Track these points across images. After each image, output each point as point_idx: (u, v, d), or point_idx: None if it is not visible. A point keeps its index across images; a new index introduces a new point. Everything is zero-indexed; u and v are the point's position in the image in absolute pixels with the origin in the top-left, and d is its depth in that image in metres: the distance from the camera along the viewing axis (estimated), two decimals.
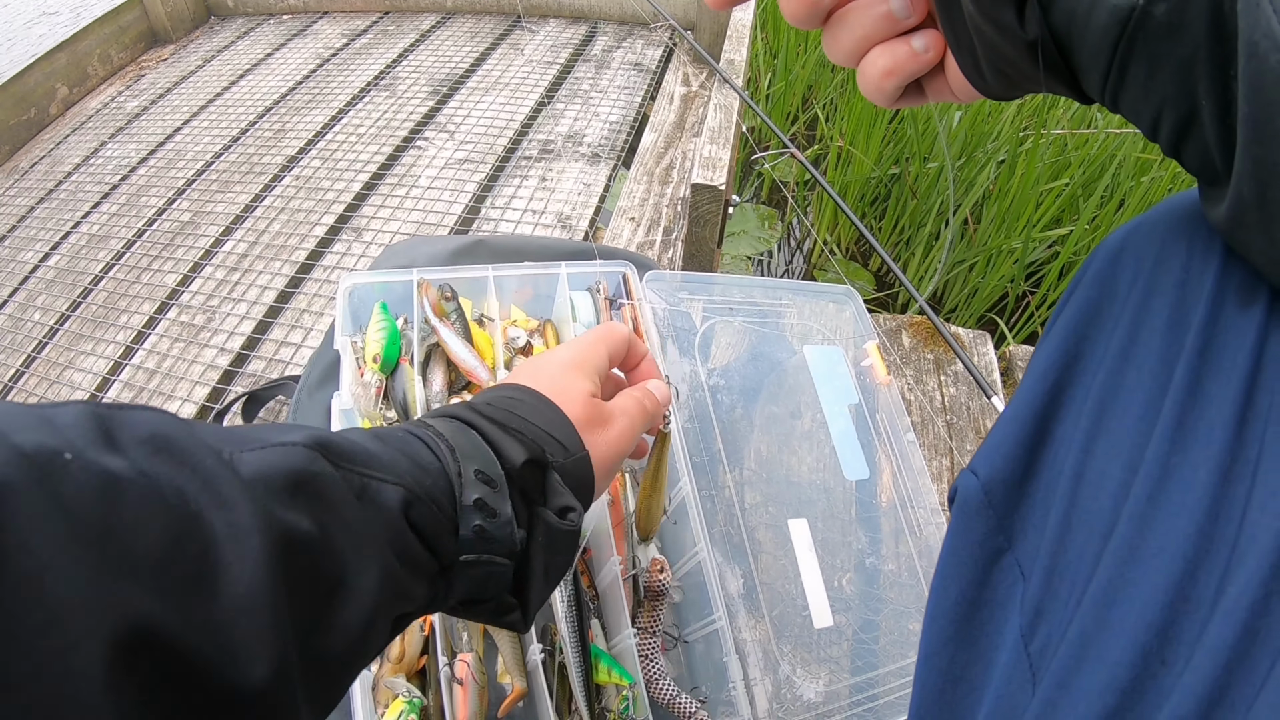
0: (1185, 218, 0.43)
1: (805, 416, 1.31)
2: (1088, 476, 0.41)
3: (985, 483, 0.47)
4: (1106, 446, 0.40)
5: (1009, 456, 0.46)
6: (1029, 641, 0.42)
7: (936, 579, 0.50)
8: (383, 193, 2.19)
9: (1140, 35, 0.32)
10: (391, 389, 1.18)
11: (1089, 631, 0.37)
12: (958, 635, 0.47)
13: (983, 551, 0.46)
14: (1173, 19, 0.31)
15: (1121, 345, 0.42)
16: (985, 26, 0.36)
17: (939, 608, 0.49)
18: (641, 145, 2.19)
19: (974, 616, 0.47)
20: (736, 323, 1.38)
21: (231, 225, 2.15)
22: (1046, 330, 0.48)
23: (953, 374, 1.57)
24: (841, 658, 1.13)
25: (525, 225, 1.99)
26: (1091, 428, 0.42)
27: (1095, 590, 0.37)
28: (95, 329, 1.89)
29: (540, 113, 2.48)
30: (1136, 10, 0.32)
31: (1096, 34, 0.34)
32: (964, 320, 2.75)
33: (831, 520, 1.22)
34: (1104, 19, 0.33)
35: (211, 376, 1.70)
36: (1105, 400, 0.42)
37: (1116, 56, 0.34)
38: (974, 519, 0.47)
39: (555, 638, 1.02)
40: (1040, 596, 0.42)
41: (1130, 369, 0.41)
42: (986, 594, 0.46)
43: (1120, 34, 0.33)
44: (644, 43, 2.83)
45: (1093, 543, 0.39)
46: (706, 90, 2.38)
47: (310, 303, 1.84)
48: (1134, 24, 0.32)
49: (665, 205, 1.93)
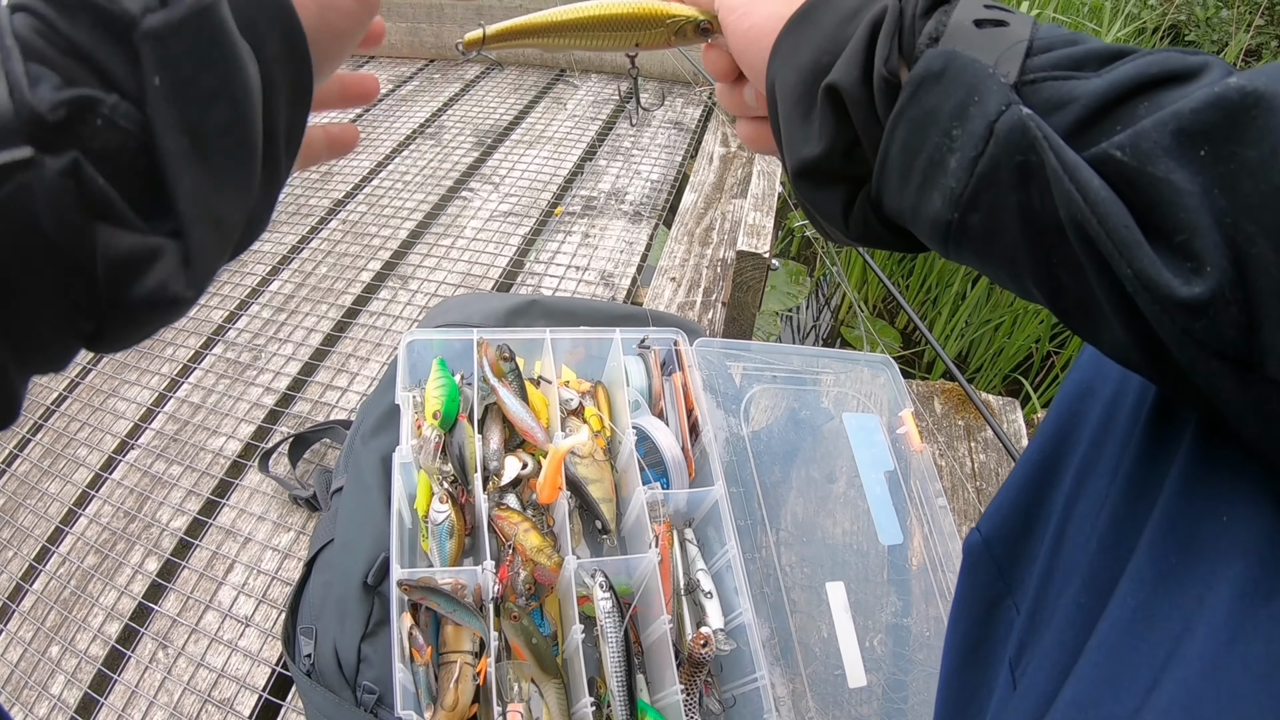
0: None
1: (841, 480, 1.35)
2: (1068, 532, 0.48)
3: (987, 539, 0.55)
4: (1084, 508, 0.47)
5: (1007, 518, 0.54)
6: (1015, 667, 0.49)
7: (949, 620, 0.58)
8: (428, 241, 2.25)
9: (963, 238, 0.38)
10: (450, 444, 1.22)
11: (1047, 648, 0.45)
12: (964, 667, 0.56)
13: (986, 596, 0.54)
14: (988, 226, 0.36)
15: (1101, 420, 0.48)
16: (841, 234, 0.45)
17: (951, 645, 0.58)
18: (682, 205, 2.24)
19: (978, 651, 0.55)
20: (776, 387, 1.42)
21: (279, 265, 2.20)
22: (1051, 406, 0.55)
23: (983, 440, 1.61)
24: (871, 716, 1.16)
25: (569, 281, 2.04)
26: (1073, 492, 0.48)
27: (1059, 617, 0.45)
28: (140, 359, 1.94)
29: (583, 168, 2.54)
30: (954, 224, 0.37)
31: (924, 233, 0.40)
32: (989, 379, 2.78)
33: (865, 583, 1.25)
34: (926, 226, 0.39)
35: (257, 415, 1.75)
36: (1085, 470, 0.48)
37: (948, 249, 0.39)
38: (978, 569, 0.55)
39: (602, 690, 1.06)
40: (1025, 631, 0.49)
41: (1109, 438, 0.47)
42: (988, 631, 0.54)
43: (946, 237, 0.38)
44: (683, 101, 2.91)
45: (1067, 584, 0.46)
46: (745, 151, 2.44)
47: (356, 348, 1.88)
48: (954, 233, 0.38)
49: (705, 266, 1.99)
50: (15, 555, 1.53)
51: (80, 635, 1.38)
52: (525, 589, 1.10)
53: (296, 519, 1.51)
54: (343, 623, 1.11)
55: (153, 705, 1.27)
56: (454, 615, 1.07)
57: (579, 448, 1.23)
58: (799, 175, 0.45)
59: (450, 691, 1.01)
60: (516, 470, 1.22)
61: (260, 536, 1.48)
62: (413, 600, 1.08)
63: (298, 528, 1.49)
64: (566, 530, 1.17)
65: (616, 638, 1.05)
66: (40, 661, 1.36)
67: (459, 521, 1.17)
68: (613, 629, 1.05)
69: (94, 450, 1.71)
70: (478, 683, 1.04)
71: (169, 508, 1.56)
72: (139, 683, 1.30)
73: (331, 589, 1.15)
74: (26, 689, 1.32)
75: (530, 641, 1.06)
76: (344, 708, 1.06)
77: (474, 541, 1.19)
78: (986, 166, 0.35)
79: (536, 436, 1.22)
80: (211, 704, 1.26)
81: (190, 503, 1.57)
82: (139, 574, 1.45)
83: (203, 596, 1.40)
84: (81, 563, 1.49)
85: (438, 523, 1.15)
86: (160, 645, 1.35)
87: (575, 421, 1.28)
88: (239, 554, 1.46)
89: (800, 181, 0.46)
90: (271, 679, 1.28)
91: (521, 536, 1.13)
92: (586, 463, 1.24)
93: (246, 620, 1.36)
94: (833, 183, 0.45)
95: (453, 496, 1.17)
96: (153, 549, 1.49)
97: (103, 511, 1.58)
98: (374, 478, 1.25)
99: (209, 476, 1.61)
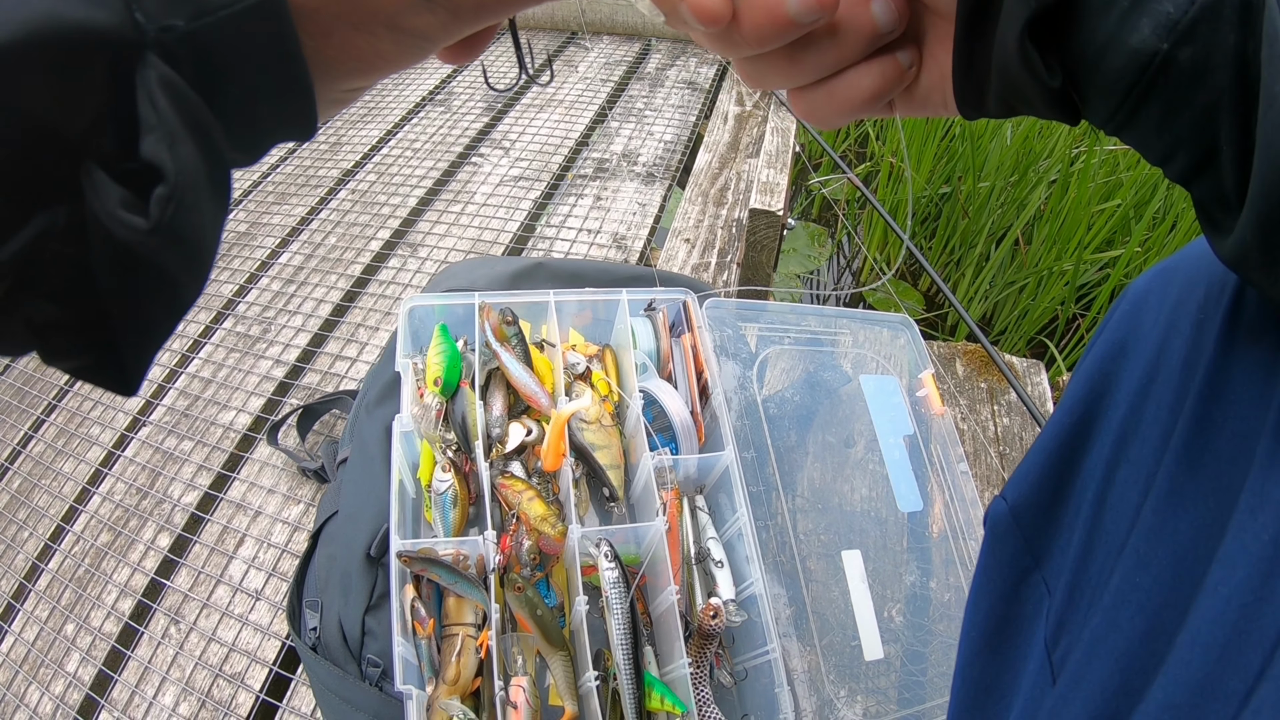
0: (1204, 263, 0.45)
1: (859, 445, 1.31)
2: (1109, 502, 0.44)
3: (1014, 507, 0.51)
4: (1126, 475, 0.43)
5: (1036, 485, 0.50)
6: (1052, 650, 0.45)
7: (970, 596, 0.54)
8: (438, 209, 2.22)
9: (1160, 80, 0.31)
10: (451, 411, 1.19)
11: (1100, 632, 0.40)
12: (988, 647, 0.52)
13: (1012, 570, 0.51)
14: (1197, 66, 0.30)
15: (1142, 382, 0.45)
16: (1020, 74, 0.34)
17: (972, 622, 0.54)
18: (696, 166, 2.19)
19: (1004, 630, 0.51)
20: (792, 349, 1.38)
21: (288, 237, 2.19)
22: (1077, 367, 0.51)
23: (1006, 404, 1.56)
24: (889, 689, 1.13)
25: (580, 244, 2.01)
26: (1113, 458, 0.45)
27: (1109, 597, 0.41)
28: None
29: (595, 130, 2.50)
30: (1159, 56, 0.31)
31: (1110, 76, 0.32)
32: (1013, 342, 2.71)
33: (884, 551, 1.22)
34: (1121, 62, 0.32)
35: (267, 388, 1.73)
36: (1126, 433, 0.44)
37: (1130, 98, 0.33)
38: (1003, 541, 0.51)
39: (609, 664, 1.03)
40: (1063, 610, 0.45)
41: (1149, 404, 0.44)
42: (1015, 609, 0.50)
43: (1138, 78, 0.32)
44: (697, 61, 2.84)
45: (1111, 560, 0.42)
46: (760, 110, 2.38)
47: (366, 317, 1.86)
48: (1155, 69, 0.31)
49: (720, 227, 1.94)
50: (31, 535, 1.53)
51: (95, 612, 1.38)
52: (530, 559, 1.07)
53: (306, 491, 1.49)
54: (346, 596, 1.09)
55: (165, 680, 1.26)
56: (455, 587, 1.04)
57: (585, 413, 1.19)
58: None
59: (452, 665, 0.99)
60: (520, 437, 1.19)
61: (270, 510, 1.47)
62: (414, 572, 1.06)
63: (307, 500, 1.48)
64: (571, 498, 1.13)
65: (622, 609, 1.02)
66: (56, 640, 1.36)
67: (462, 490, 1.14)
68: (618, 600, 1.02)
69: (106, 428, 1.70)
70: (480, 656, 1.02)
71: (180, 483, 1.55)
72: (152, 658, 1.30)
73: (336, 562, 1.13)
74: (43, 667, 1.33)
75: (535, 613, 1.03)
76: (349, 681, 1.04)
77: (478, 511, 1.16)
78: None
79: (540, 402, 1.19)
80: (223, 678, 1.25)
81: (201, 477, 1.56)
82: (151, 550, 1.45)
83: (214, 571, 1.39)
84: (95, 540, 1.48)
85: (440, 492, 1.12)
86: (172, 621, 1.34)
87: (582, 386, 1.25)
88: (249, 528, 1.45)
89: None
90: (281, 653, 1.27)
91: (525, 505, 1.10)
92: (593, 428, 1.20)
93: (257, 594, 1.35)
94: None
95: (455, 465, 1.14)
96: (165, 525, 1.48)
97: (116, 489, 1.57)
98: (377, 448, 1.22)
99: (219, 451, 1.60)
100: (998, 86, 0.35)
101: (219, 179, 0.29)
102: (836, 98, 0.38)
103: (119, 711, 1.24)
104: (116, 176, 0.26)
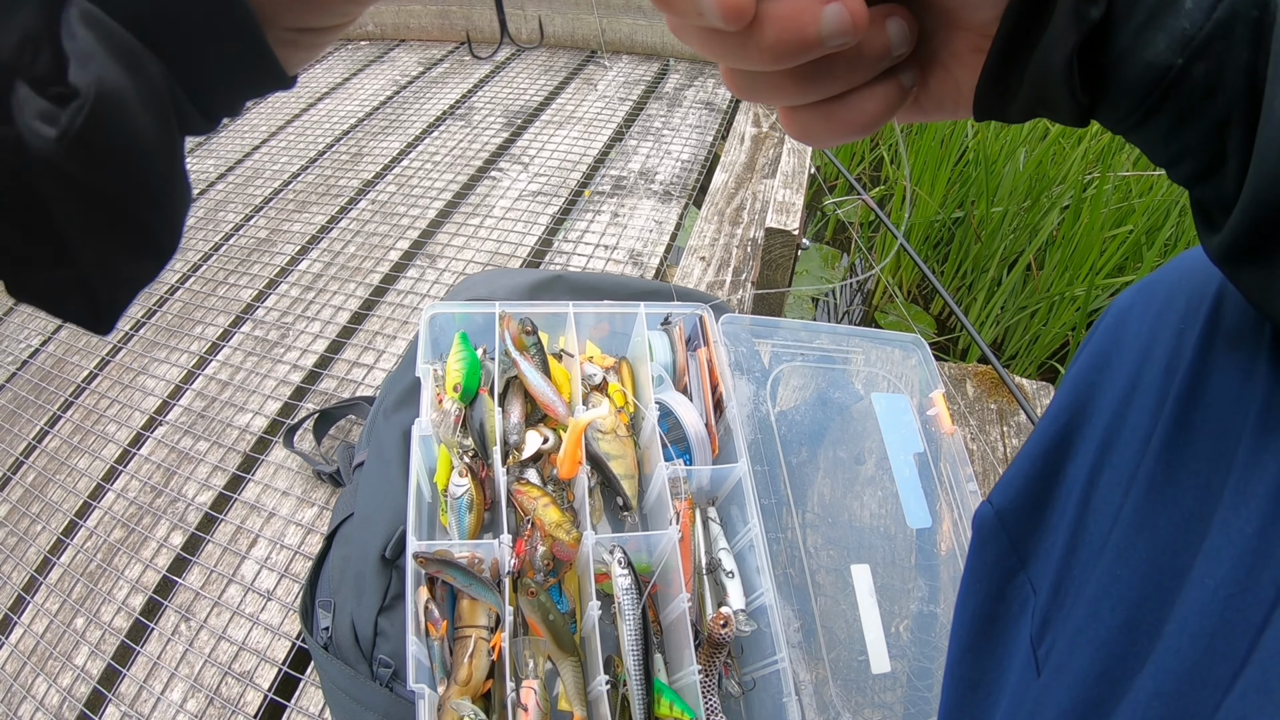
0: (1185, 276, 0.47)
1: (869, 461, 1.32)
2: (1093, 505, 0.46)
3: (999, 511, 0.53)
4: (1109, 478, 0.45)
5: (1021, 490, 0.52)
6: (1037, 646, 0.47)
7: (958, 597, 0.56)
8: (457, 221, 2.24)
9: (1173, 93, 0.32)
10: (470, 417, 1.21)
11: (1082, 624, 0.42)
12: (975, 645, 0.54)
13: (998, 571, 0.52)
14: (1210, 81, 0.31)
15: (1125, 391, 0.46)
16: (1060, 89, 0.34)
17: (960, 622, 0.55)
18: (712, 185, 2.21)
19: (990, 629, 0.53)
20: (804, 366, 1.39)
21: (308, 245, 2.21)
22: (1063, 378, 0.53)
23: (1015, 425, 1.57)
24: (895, 704, 1.13)
25: (597, 260, 2.03)
26: (1096, 463, 0.46)
27: (1090, 590, 0.43)
28: (170, 337, 1.95)
29: (613, 148, 2.52)
30: (1174, 70, 0.31)
31: (1124, 86, 0.33)
32: (1024, 367, 2.72)
33: (892, 567, 1.22)
34: (1136, 74, 0.32)
35: (284, 392, 1.75)
36: (1109, 439, 0.46)
37: (1141, 108, 0.33)
38: (989, 543, 0.53)
39: (619, 669, 1.04)
40: (1048, 608, 0.47)
41: (1132, 411, 0.45)
42: (1001, 608, 0.52)
43: (1152, 91, 0.32)
44: (715, 82, 2.87)
45: (1094, 560, 0.44)
46: (777, 131, 2.41)
47: (383, 325, 1.88)
48: (1169, 83, 0.32)
49: (735, 246, 1.96)
50: (44, 530, 1.54)
51: (105, 608, 1.39)
52: (544, 565, 1.09)
53: (320, 494, 1.51)
54: (360, 596, 1.10)
55: (174, 677, 1.27)
56: (470, 589, 1.05)
57: (601, 423, 1.21)
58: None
59: (464, 666, 1.00)
60: (537, 445, 1.20)
61: (284, 512, 1.48)
62: (429, 574, 1.07)
63: (321, 503, 1.49)
64: (586, 506, 1.15)
65: (634, 615, 1.03)
66: (65, 633, 1.37)
67: (478, 495, 1.15)
68: (630, 607, 1.03)
69: (123, 426, 1.72)
70: (492, 658, 1.03)
71: (195, 483, 1.57)
72: (161, 655, 1.31)
73: (350, 563, 1.14)
74: (51, 659, 1.34)
75: (547, 618, 1.04)
76: (360, 681, 1.05)
77: (493, 516, 1.18)
78: (1225, 14, 0.30)
79: (558, 411, 1.20)
80: (231, 676, 1.26)
81: (216, 478, 1.57)
82: (164, 548, 1.46)
83: (226, 571, 1.41)
84: (108, 536, 1.50)
85: (456, 496, 1.13)
86: (183, 618, 1.35)
87: (598, 396, 1.26)
88: (263, 529, 1.46)
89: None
90: (291, 653, 1.28)
91: (540, 511, 1.11)
92: (609, 438, 1.22)
93: (268, 594, 1.36)
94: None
95: (472, 470, 1.16)
96: (178, 523, 1.50)
97: (130, 486, 1.59)
98: (394, 452, 1.24)
99: (235, 452, 1.62)
100: (1030, 98, 0.36)
101: (156, 106, 0.30)
102: (835, 120, 0.37)
103: (126, 706, 1.25)
104: (48, 99, 0.28)
